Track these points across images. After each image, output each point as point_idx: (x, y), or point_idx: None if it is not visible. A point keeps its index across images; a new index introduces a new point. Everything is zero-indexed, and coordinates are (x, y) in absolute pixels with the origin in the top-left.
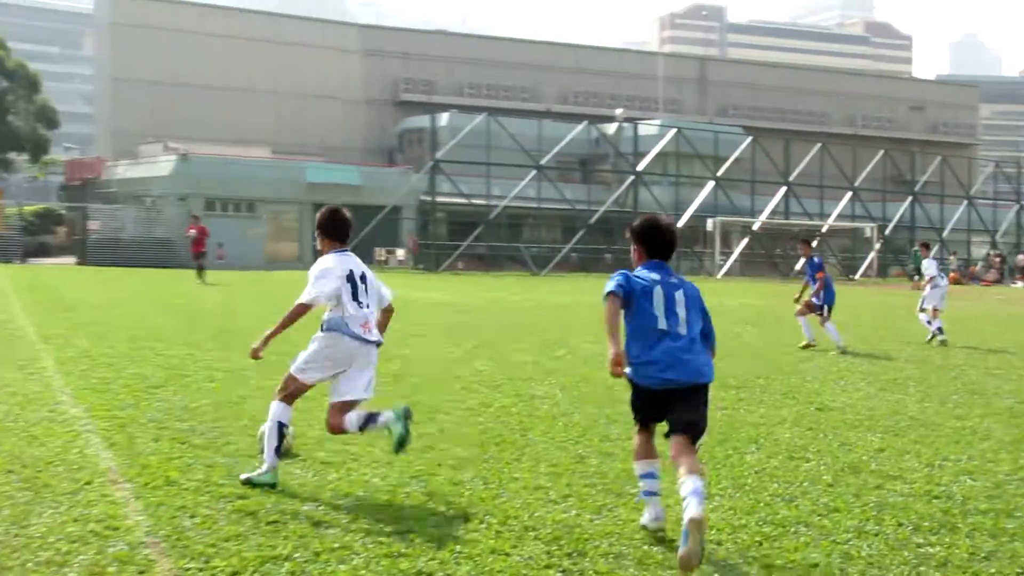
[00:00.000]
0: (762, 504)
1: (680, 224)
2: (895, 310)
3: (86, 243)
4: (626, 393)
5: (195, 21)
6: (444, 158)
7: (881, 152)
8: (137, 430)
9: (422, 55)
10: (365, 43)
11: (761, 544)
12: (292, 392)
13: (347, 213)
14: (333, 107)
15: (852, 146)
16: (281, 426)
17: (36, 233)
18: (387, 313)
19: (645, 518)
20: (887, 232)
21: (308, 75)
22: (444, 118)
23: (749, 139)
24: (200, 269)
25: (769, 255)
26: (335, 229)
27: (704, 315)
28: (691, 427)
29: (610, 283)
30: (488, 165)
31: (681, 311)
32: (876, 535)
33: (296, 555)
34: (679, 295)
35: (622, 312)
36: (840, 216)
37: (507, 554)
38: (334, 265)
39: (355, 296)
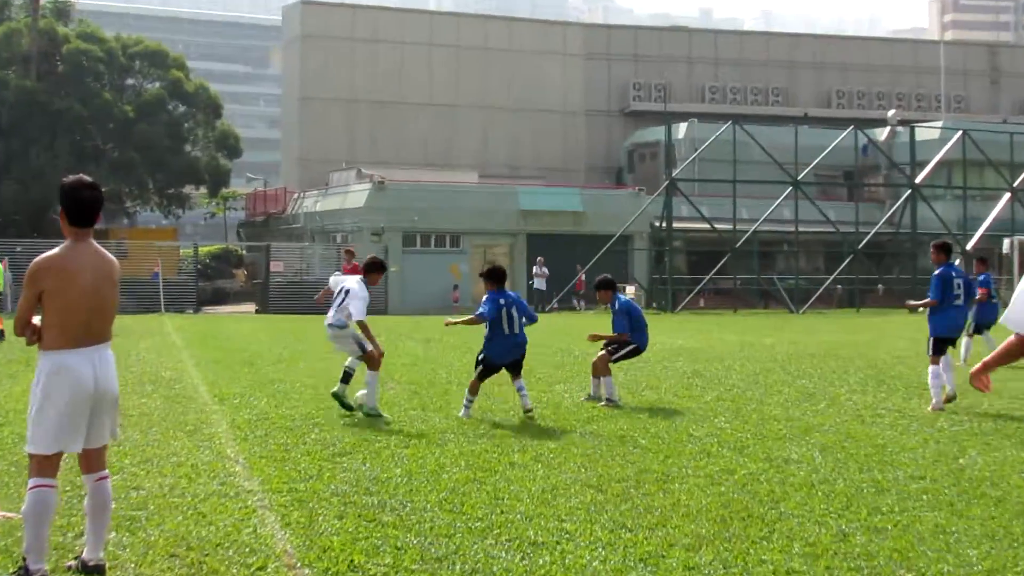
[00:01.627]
0: None
1: (969, 246)
2: None
3: (268, 287)
4: (900, 455)
5: (394, 29)
6: (682, 176)
7: None
8: (319, 506)
9: (656, 56)
10: (589, 45)
11: None
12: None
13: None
14: (551, 121)
15: None
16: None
17: (212, 278)
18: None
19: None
20: None
21: (522, 85)
22: (682, 129)
23: None
24: None
25: None
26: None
27: None
28: None
29: None
30: (735, 183)
31: None
32: None
33: None
34: None
35: None
36: None
37: None
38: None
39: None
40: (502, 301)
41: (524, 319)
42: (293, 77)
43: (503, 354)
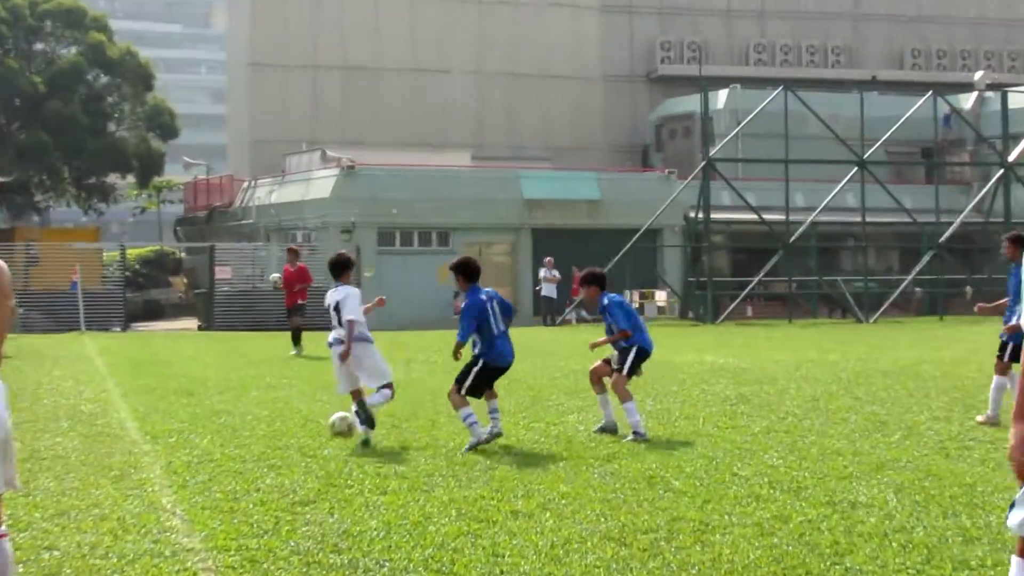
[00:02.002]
0: None
1: None
2: None
3: (212, 298)
4: (993, 496)
5: None
6: (722, 155)
7: None
8: (275, 567)
9: (688, 7)
10: None
11: None
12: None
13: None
14: (561, 90)
15: None
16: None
17: (144, 287)
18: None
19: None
20: None
21: (525, 47)
22: (721, 97)
23: None
24: (296, 333)
25: None
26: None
27: None
28: None
29: None
30: (787, 163)
31: None
32: None
33: None
34: None
35: None
36: None
37: None
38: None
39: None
40: (484, 296)
41: (505, 317)
42: (241, 38)
43: (506, 354)
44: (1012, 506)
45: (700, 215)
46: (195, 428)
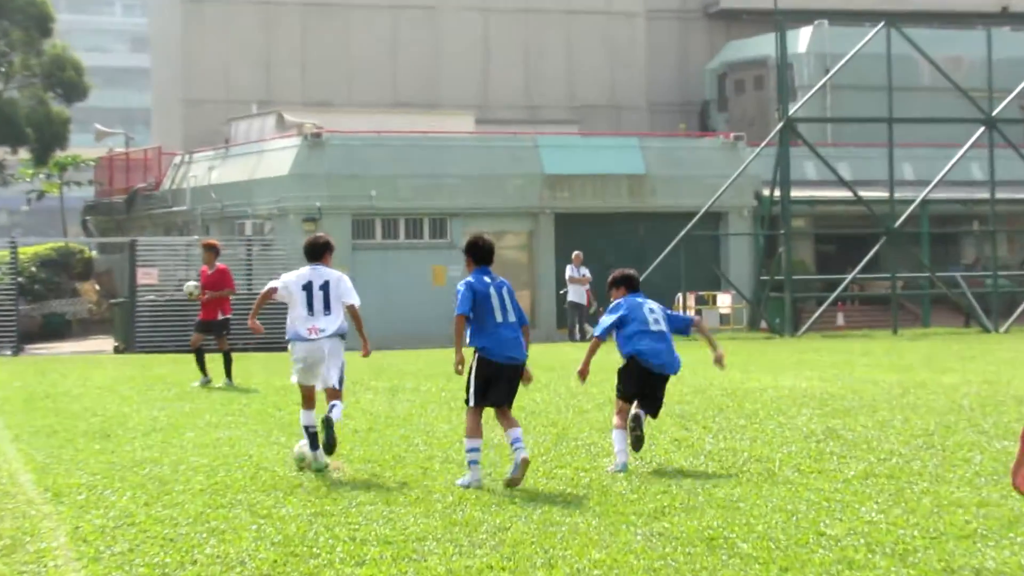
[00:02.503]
0: None
1: None
2: None
3: (133, 311)
4: None
5: None
6: (804, 114)
7: None
8: None
9: None
10: None
11: None
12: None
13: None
14: (591, 30)
15: None
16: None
17: (41, 297)
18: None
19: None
20: None
21: None
22: (803, 37)
23: None
24: (226, 357)
25: None
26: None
27: None
28: None
29: None
30: (890, 123)
31: None
32: None
33: None
34: None
35: None
36: None
37: None
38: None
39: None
40: (487, 279)
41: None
42: None
43: (509, 346)
44: None
45: (776, 193)
46: (111, 482)
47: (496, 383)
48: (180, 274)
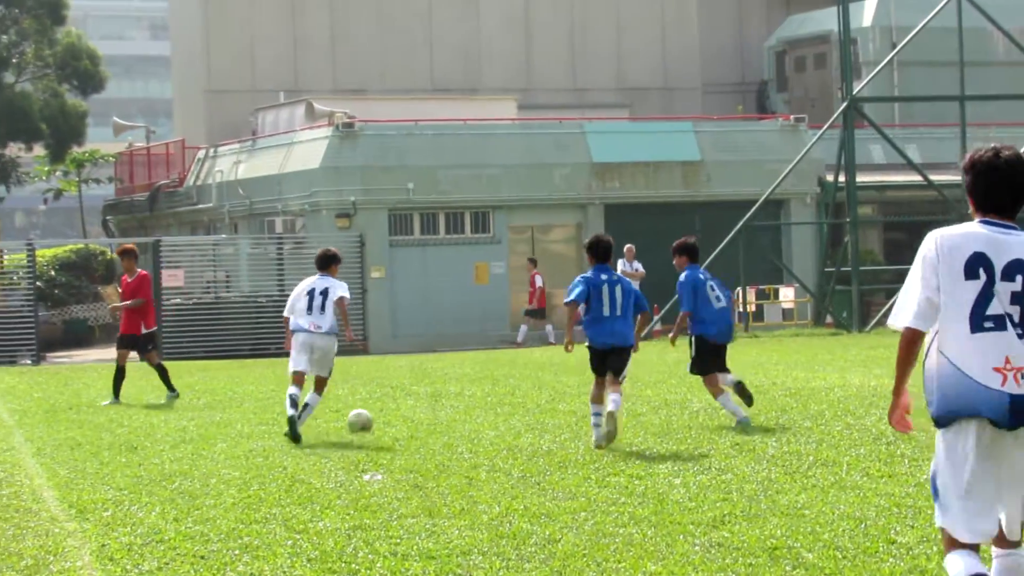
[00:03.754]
0: None
1: None
2: None
3: (158, 316)
4: None
5: None
6: (870, 94)
7: None
8: None
9: None
10: None
11: None
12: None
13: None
14: (642, 9)
15: None
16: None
17: (63, 302)
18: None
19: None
20: None
21: None
22: (868, 9)
23: None
24: (160, 369)
25: None
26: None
27: None
28: None
29: None
30: (962, 101)
31: None
32: None
33: None
34: None
35: None
36: None
37: None
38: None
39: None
40: (604, 276)
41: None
42: None
43: (605, 334)
44: None
45: (841, 178)
46: (138, 497)
47: (602, 361)
48: (207, 275)
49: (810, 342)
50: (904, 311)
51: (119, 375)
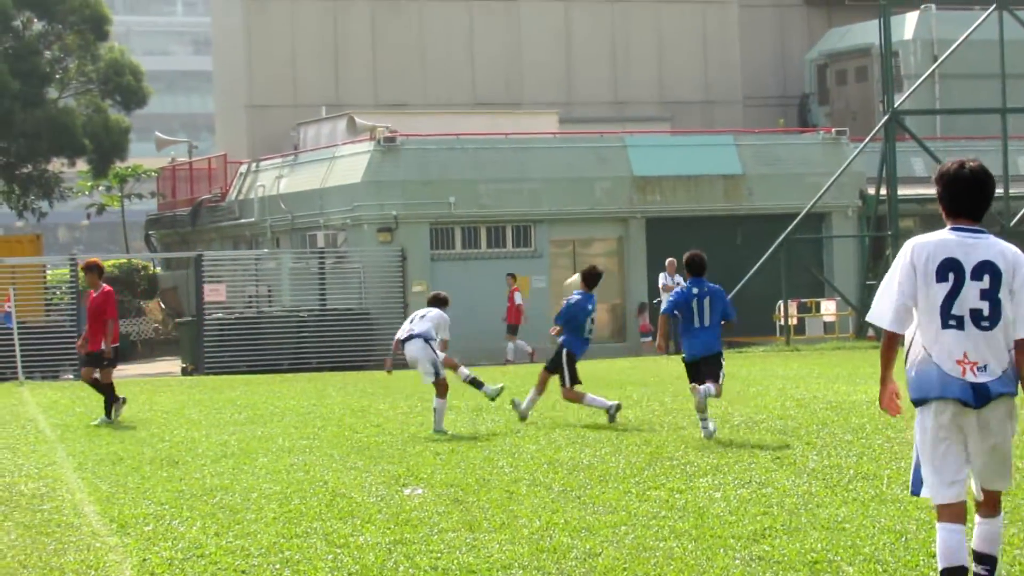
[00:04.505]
0: None
1: None
2: None
3: (201, 330)
4: None
5: None
6: (912, 106)
7: None
8: None
9: None
10: None
11: None
12: None
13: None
14: (683, 23)
15: None
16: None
17: None
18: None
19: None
20: None
21: None
22: (909, 22)
23: None
24: (106, 392)
25: None
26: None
27: None
28: None
29: None
30: (1004, 113)
31: None
32: None
33: None
34: None
35: None
36: None
37: None
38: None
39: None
40: (695, 290)
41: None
42: None
43: (693, 347)
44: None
45: (883, 191)
46: (180, 512)
47: (698, 371)
48: (249, 289)
49: (852, 355)
50: (884, 313)
51: (101, 391)
